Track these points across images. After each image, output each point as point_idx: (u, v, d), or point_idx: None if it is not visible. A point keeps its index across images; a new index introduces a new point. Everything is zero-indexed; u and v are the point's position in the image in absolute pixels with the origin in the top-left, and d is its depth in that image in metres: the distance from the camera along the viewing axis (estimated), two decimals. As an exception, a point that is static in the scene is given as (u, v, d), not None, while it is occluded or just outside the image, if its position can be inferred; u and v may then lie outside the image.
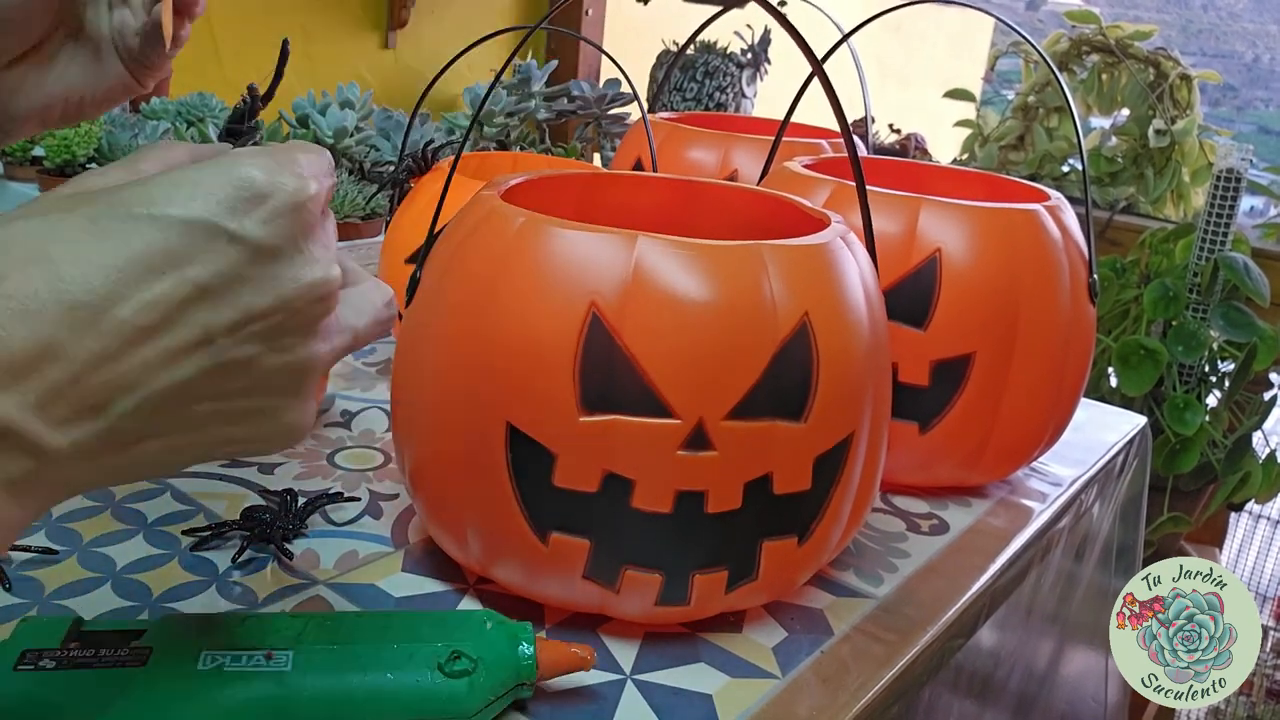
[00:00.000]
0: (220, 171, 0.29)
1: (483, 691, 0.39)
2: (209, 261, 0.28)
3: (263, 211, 0.29)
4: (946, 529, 0.62)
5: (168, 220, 0.28)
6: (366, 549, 0.53)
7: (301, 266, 0.30)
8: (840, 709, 0.44)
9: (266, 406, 0.31)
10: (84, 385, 0.26)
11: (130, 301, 0.27)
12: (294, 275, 0.30)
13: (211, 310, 0.28)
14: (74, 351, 0.26)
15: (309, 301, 0.31)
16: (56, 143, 1.00)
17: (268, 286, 0.29)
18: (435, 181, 0.74)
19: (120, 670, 0.36)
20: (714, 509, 0.43)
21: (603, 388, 0.42)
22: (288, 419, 0.32)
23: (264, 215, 0.29)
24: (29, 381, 0.25)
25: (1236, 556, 1.81)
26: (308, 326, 0.31)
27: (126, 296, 0.27)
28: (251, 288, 0.29)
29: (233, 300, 0.29)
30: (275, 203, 0.29)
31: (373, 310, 0.35)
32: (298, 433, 0.33)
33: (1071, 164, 1.93)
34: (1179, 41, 5.14)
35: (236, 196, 0.29)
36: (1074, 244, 0.63)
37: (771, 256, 0.43)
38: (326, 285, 0.31)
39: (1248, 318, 1.40)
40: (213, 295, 0.28)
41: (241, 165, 0.29)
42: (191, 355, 0.28)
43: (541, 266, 0.43)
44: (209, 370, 0.29)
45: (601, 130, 1.59)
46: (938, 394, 0.61)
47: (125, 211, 0.28)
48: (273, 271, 0.29)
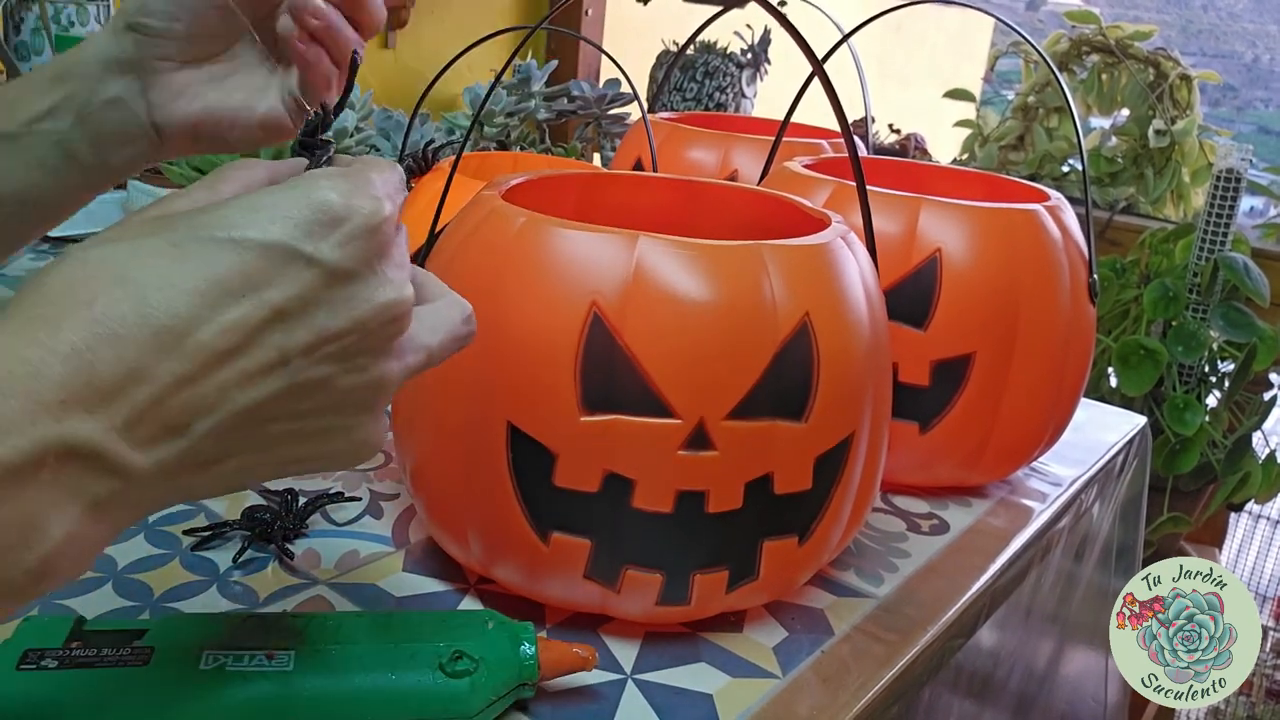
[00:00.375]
0: (297, 195, 0.30)
1: (484, 691, 0.39)
2: (286, 285, 0.29)
3: (339, 235, 0.30)
4: (947, 529, 0.63)
5: (247, 244, 0.28)
6: (367, 549, 0.53)
7: (376, 288, 0.31)
8: (841, 708, 0.44)
9: (339, 425, 0.32)
10: (166, 407, 0.27)
11: (211, 325, 0.27)
12: (368, 297, 0.30)
13: (287, 332, 0.29)
14: (158, 374, 0.27)
15: (382, 323, 0.31)
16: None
17: (342, 309, 0.30)
18: (436, 181, 0.74)
19: (122, 670, 0.36)
20: (715, 509, 0.43)
21: (603, 387, 0.42)
22: (359, 436, 0.32)
23: (340, 239, 0.30)
24: (116, 404, 0.26)
25: (1236, 556, 1.81)
26: (381, 346, 0.32)
27: (207, 320, 0.27)
28: (326, 310, 0.30)
29: (308, 323, 0.29)
30: (351, 226, 0.30)
31: (449, 327, 0.35)
32: (368, 450, 0.33)
33: (1071, 164, 1.93)
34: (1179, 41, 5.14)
35: (313, 220, 0.29)
36: (1074, 244, 0.63)
37: (772, 256, 0.43)
38: (400, 306, 0.31)
39: (1248, 318, 1.40)
40: (289, 318, 0.29)
41: (318, 188, 0.30)
42: (268, 377, 0.29)
43: (542, 266, 0.43)
44: (285, 391, 0.29)
45: (601, 130, 1.59)
46: (938, 394, 0.61)
47: (206, 235, 0.28)
48: (347, 294, 0.30)
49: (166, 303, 0.27)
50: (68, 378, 0.25)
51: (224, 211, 0.29)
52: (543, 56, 2.00)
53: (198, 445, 0.28)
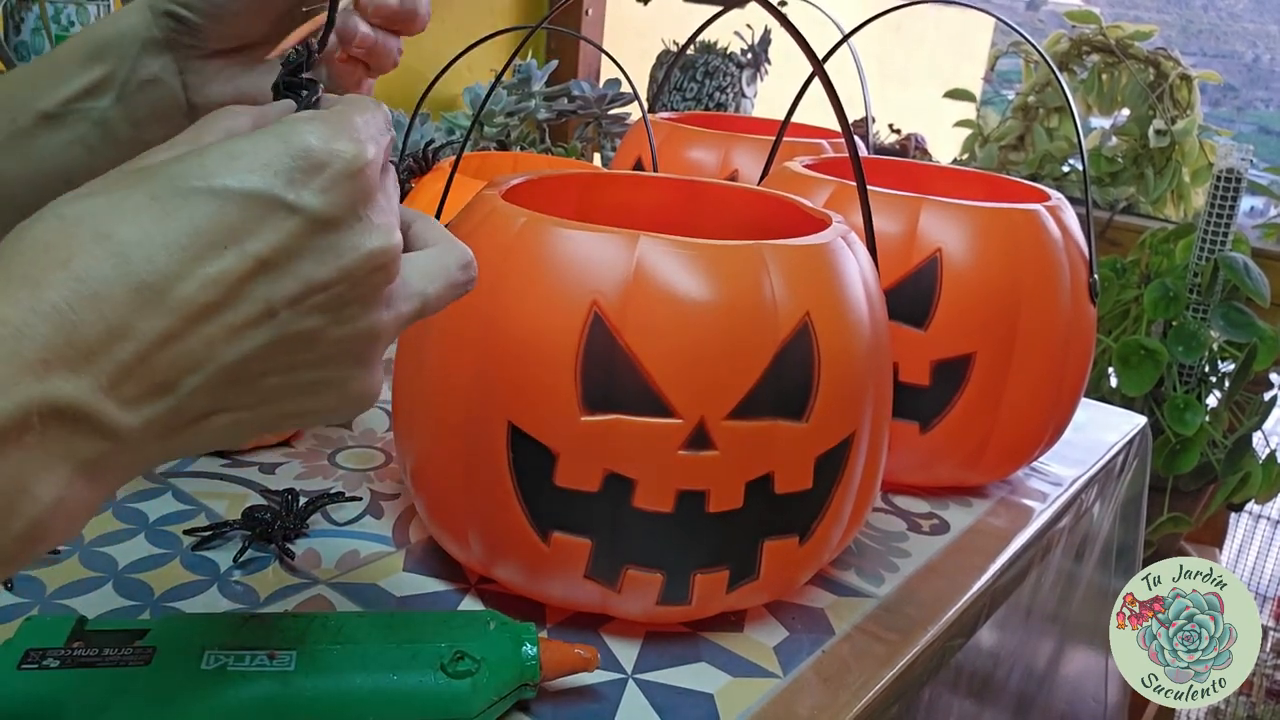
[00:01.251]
0: (276, 140, 0.29)
1: (486, 692, 0.39)
2: (268, 234, 0.28)
3: (320, 180, 0.29)
4: (947, 529, 0.63)
5: (226, 193, 0.27)
6: (368, 549, 0.53)
7: (361, 235, 0.30)
8: (841, 708, 0.45)
9: (333, 377, 0.31)
10: (153, 364, 0.26)
11: (194, 278, 0.27)
12: (354, 244, 0.30)
13: (272, 284, 0.28)
14: (142, 331, 0.26)
15: (370, 270, 0.30)
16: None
17: (328, 257, 0.29)
18: (436, 181, 0.74)
19: (124, 670, 0.36)
20: (715, 508, 0.43)
21: (604, 387, 0.42)
22: (354, 388, 0.32)
23: (321, 184, 0.29)
24: (99, 363, 0.26)
25: (1236, 556, 1.81)
26: (370, 295, 0.31)
27: (190, 274, 0.27)
28: (312, 259, 0.29)
29: (294, 272, 0.29)
30: (333, 171, 0.29)
31: (444, 274, 0.34)
32: (365, 401, 0.33)
33: (1071, 164, 1.92)
34: (1179, 41, 5.14)
35: (293, 166, 0.28)
36: (1074, 244, 0.63)
37: (772, 256, 0.43)
38: (387, 253, 0.30)
39: (1248, 318, 1.40)
40: (273, 268, 0.28)
41: (297, 132, 0.29)
42: (255, 329, 0.28)
43: (543, 266, 0.43)
44: (273, 343, 0.29)
45: (601, 130, 1.59)
46: (938, 394, 0.61)
47: (185, 186, 0.27)
48: (332, 241, 0.29)
49: (146, 258, 0.26)
50: (49, 337, 0.25)
51: (202, 160, 0.28)
52: (543, 56, 2.00)
53: (186, 402, 0.28)
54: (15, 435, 0.24)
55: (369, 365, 0.32)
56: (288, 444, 0.64)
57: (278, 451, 0.63)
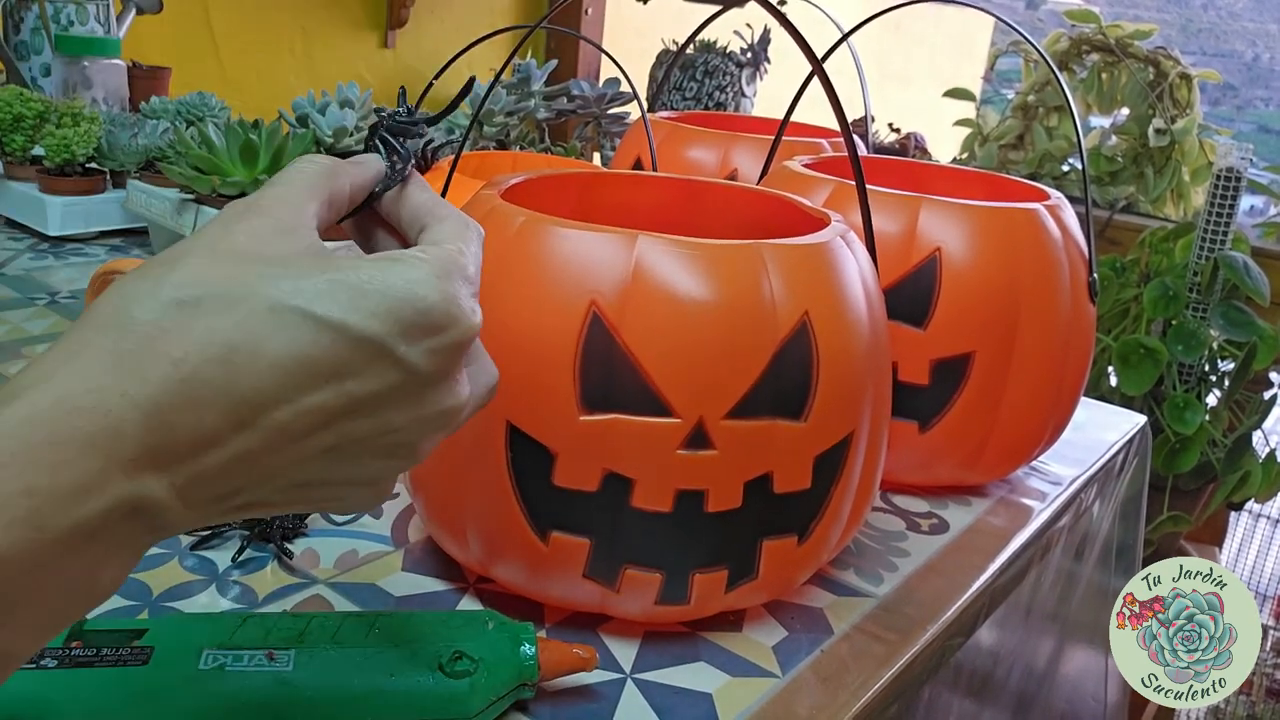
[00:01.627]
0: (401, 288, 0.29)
1: (484, 692, 0.39)
2: (368, 380, 0.28)
3: (431, 342, 0.29)
4: (946, 528, 0.62)
5: (343, 329, 0.28)
6: (366, 548, 0.53)
7: (445, 395, 0.31)
8: (840, 708, 0.44)
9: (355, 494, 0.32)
10: (227, 476, 0.27)
11: (290, 406, 0.27)
12: (436, 400, 0.31)
13: (354, 421, 0.29)
14: (230, 446, 0.26)
15: (439, 426, 0.31)
16: (56, 142, 1.00)
17: (408, 407, 0.30)
18: (435, 181, 0.74)
19: (122, 670, 0.36)
20: (714, 508, 0.43)
21: (603, 387, 0.42)
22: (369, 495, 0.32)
23: (431, 346, 0.29)
24: (183, 466, 0.26)
25: (1236, 556, 1.81)
26: (424, 440, 0.32)
27: (288, 401, 0.27)
28: (394, 407, 0.30)
29: (375, 415, 0.29)
30: (444, 338, 0.30)
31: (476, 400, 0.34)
32: (374, 505, 0.33)
33: (1071, 163, 1.92)
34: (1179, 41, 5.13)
35: (412, 322, 0.29)
36: (1074, 243, 0.63)
37: (771, 256, 0.43)
38: (459, 412, 0.32)
39: (1248, 317, 1.40)
40: (362, 409, 0.29)
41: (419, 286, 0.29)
42: (321, 457, 0.29)
43: (542, 266, 0.43)
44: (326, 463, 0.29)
45: (601, 130, 1.59)
46: (938, 393, 0.61)
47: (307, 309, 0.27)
48: (420, 396, 0.30)
49: (254, 375, 0.26)
50: (145, 436, 0.25)
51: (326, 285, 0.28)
52: (542, 56, 2.00)
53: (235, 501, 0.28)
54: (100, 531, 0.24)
55: (392, 480, 0.33)
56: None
57: (276, 451, 0.63)
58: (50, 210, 1.01)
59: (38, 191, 1.02)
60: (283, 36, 1.70)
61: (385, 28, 1.83)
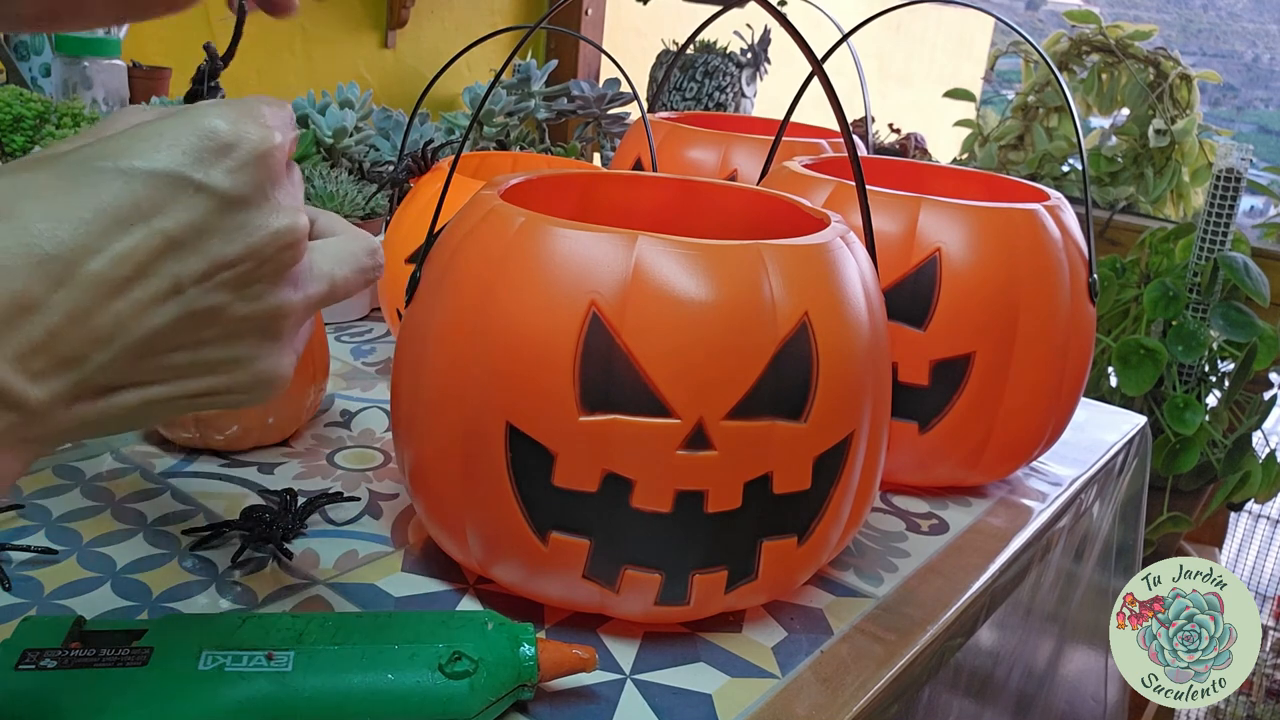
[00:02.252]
0: (185, 123, 0.29)
1: (484, 692, 0.39)
2: (177, 212, 0.28)
3: (229, 161, 0.29)
4: (946, 529, 0.62)
5: (134, 172, 0.28)
6: (366, 549, 0.53)
7: (268, 215, 0.30)
8: (840, 708, 0.44)
9: (241, 355, 0.31)
10: (60, 339, 0.27)
11: (102, 255, 0.27)
12: (261, 223, 0.30)
13: (181, 261, 0.29)
14: (49, 305, 0.26)
15: (277, 249, 0.31)
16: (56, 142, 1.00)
17: (235, 235, 0.30)
18: (435, 181, 0.73)
19: (121, 670, 0.36)
20: (714, 509, 0.43)
21: (602, 387, 0.42)
22: (262, 367, 0.32)
23: (230, 165, 0.29)
24: (5, 336, 0.26)
25: (1236, 556, 1.81)
26: (277, 274, 0.31)
27: (97, 250, 0.27)
28: (219, 237, 0.29)
29: (201, 250, 0.29)
30: (241, 152, 0.30)
31: (352, 259, 0.35)
32: (276, 383, 0.33)
33: (1071, 164, 1.93)
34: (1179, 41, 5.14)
35: (202, 147, 0.29)
36: (1074, 244, 0.63)
37: (771, 256, 0.43)
38: (293, 232, 0.31)
39: (1247, 317, 1.40)
40: (182, 246, 0.29)
41: (206, 116, 0.29)
42: (163, 306, 0.29)
43: (541, 266, 0.43)
44: (180, 320, 0.29)
45: (601, 130, 1.59)
46: (938, 394, 0.61)
47: (92, 165, 0.28)
48: (240, 220, 0.30)
49: (52, 233, 0.26)
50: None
51: (109, 142, 0.29)
52: (542, 56, 2.00)
53: (93, 376, 0.28)
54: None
55: (278, 344, 0.33)
56: (286, 444, 0.64)
57: (276, 451, 0.63)
58: (50, 210, 1.00)
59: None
60: (283, 36, 1.70)
61: (385, 28, 1.83)
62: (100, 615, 0.45)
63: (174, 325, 0.29)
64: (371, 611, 0.47)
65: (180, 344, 0.30)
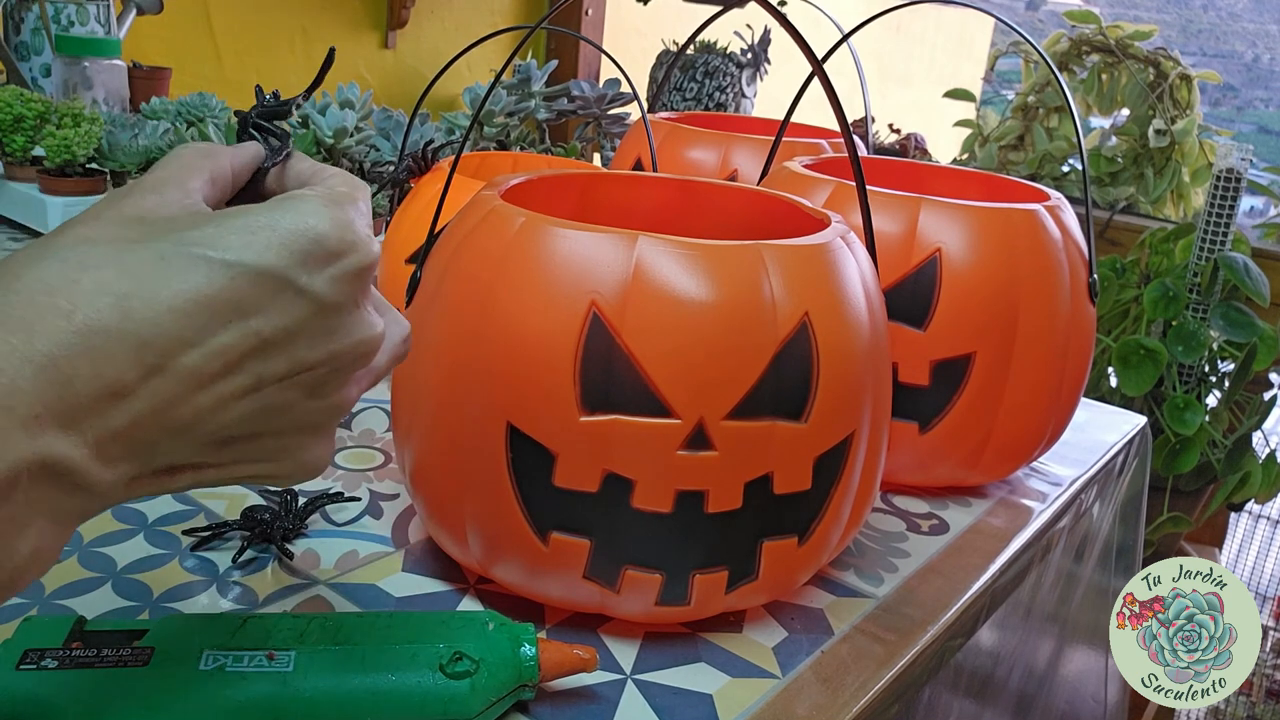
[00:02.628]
0: (292, 220, 0.29)
1: (484, 693, 0.39)
2: (274, 314, 0.28)
3: (333, 270, 0.29)
4: (946, 529, 0.62)
5: (240, 267, 0.28)
6: (367, 549, 0.53)
7: (356, 324, 0.31)
8: (840, 709, 0.44)
9: (293, 445, 0.32)
10: (141, 427, 0.27)
11: (197, 349, 0.27)
12: (348, 332, 0.31)
13: (267, 360, 0.29)
14: (138, 394, 0.26)
15: (355, 357, 0.31)
16: (56, 142, 1.00)
17: (321, 341, 0.30)
18: (435, 181, 0.73)
19: (122, 670, 0.36)
20: (714, 509, 0.43)
21: (603, 387, 0.42)
22: (308, 456, 0.33)
23: (334, 274, 0.29)
24: (91, 421, 0.25)
25: (1236, 556, 1.81)
26: (347, 377, 0.32)
27: (194, 343, 0.27)
28: (306, 341, 0.29)
29: (289, 352, 0.29)
30: (346, 262, 0.30)
31: (394, 349, 0.36)
32: (316, 470, 0.33)
33: (1071, 164, 1.93)
34: (1179, 41, 5.14)
35: (308, 252, 0.29)
36: (1074, 244, 0.63)
37: (771, 256, 0.43)
38: (374, 342, 0.32)
39: (1248, 318, 1.40)
40: (272, 346, 0.29)
41: (310, 216, 0.29)
42: (240, 401, 0.29)
43: (542, 266, 0.43)
44: (253, 415, 0.29)
45: (601, 130, 1.59)
46: (938, 394, 0.61)
47: (198, 252, 0.27)
48: (330, 327, 0.30)
49: (153, 319, 0.26)
50: (43, 391, 0.24)
51: (217, 229, 0.28)
52: (543, 56, 2.00)
53: (158, 461, 0.28)
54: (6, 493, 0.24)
55: (328, 436, 0.33)
56: (287, 444, 0.64)
57: (277, 452, 0.63)
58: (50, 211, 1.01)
59: (38, 192, 1.02)
60: (283, 36, 1.70)
61: (385, 28, 1.83)
62: (101, 615, 0.45)
63: (245, 419, 0.29)
64: (372, 612, 0.47)
65: (243, 435, 0.30)
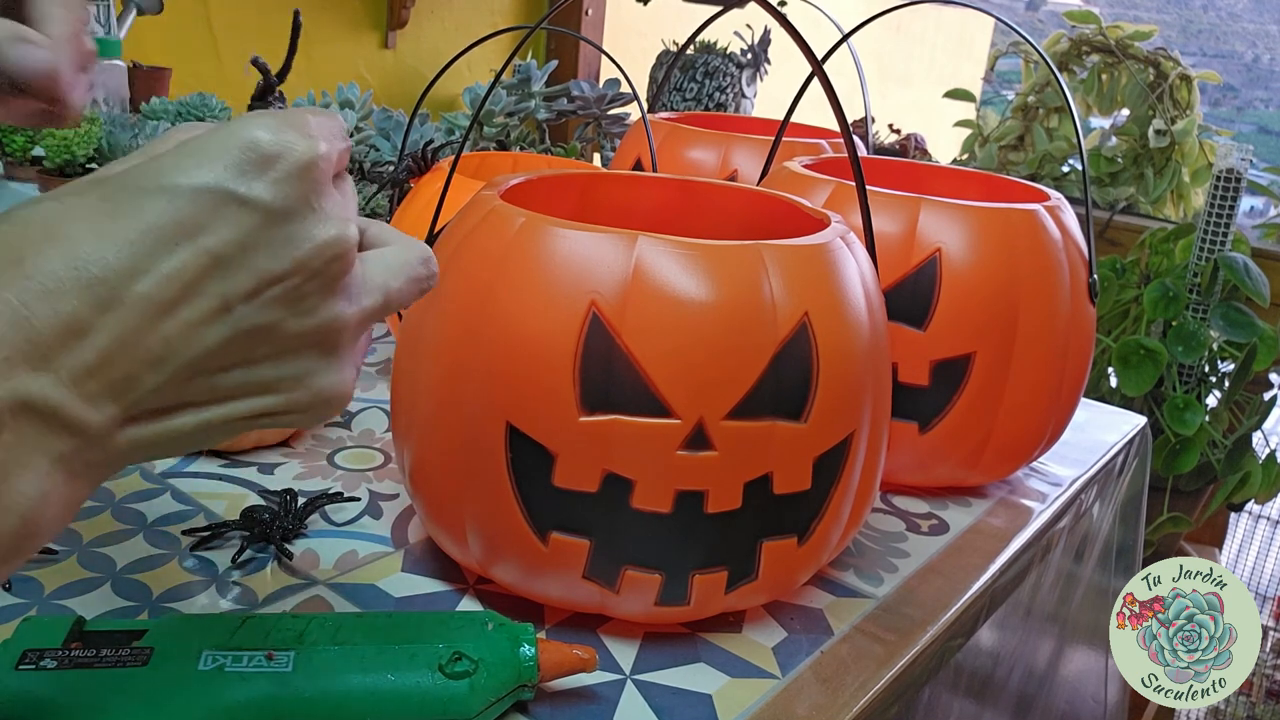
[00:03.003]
0: (227, 136, 0.29)
1: (484, 693, 0.39)
2: (221, 229, 0.28)
3: (272, 173, 0.29)
4: (946, 529, 0.62)
5: (178, 190, 0.28)
6: (366, 549, 0.53)
7: (315, 225, 0.30)
8: (840, 709, 0.44)
9: (298, 373, 0.31)
10: (111, 362, 0.27)
11: (148, 276, 0.27)
12: (308, 235, 0.30)
13: (228, 278, 0.28)
14: (98, 328, 0.26)
15: (326, 260, 0.30)
16: (56, 142, 1.00)
17: (282, 249, 0.29)
18: (435, 181, 0.73)
19: (121, 670, 0.36)
20: (714, 509, 0.43)
21: (603, 388, 0.42)
22: (322, 383, 0.31)
23: (274, 177, 0.29)
24: (59, 359, 0.26)
25: (1236, 556, 1.81)
26: (328, 287, 0.31)
27: (144, 271, 0.27)
28: (266, 252, 0.29)
29: (248, 266, 0.29)
30: (284, 164, 0.29)
31: (406, 268, 0.34)
32: (336, 400, 0.32)
33: (1071, 164, 1.93)
34: (1179, 41, 5.14)
35: (244, 160, 0.28)
36: (1074, 244, 0.63)
37: (771, 256, 0.43)
38: (341, 243, 0.30)
39: (1248, 318, 1.40)
40: (228, 263, 0.28)
41: (248, 128, 0.29)
42: (212, 325, 0.28)
43: (542, 266, 0.43)
44: (232, 338, 0.29)
45: (601, 130, 1.59)
46: (938, 394, 0.61)
47: (136, 186, 0.28)
48: (286, 233, 0.29)
49: (98, 255, 0.26)
50: (6, 334, 0.25)
51: (154, 163, 0.28)
52: (543, 56, 2.00)
53: (146, 398, 0.28)
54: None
55: (335, 359, 0.32)
56: (286, 444, 0.64)
57: (276, 452, 0.63)
58: (50, 211, 1.00)
59: (38, 192, 1.02)
60: (283, 36, 1.70)
61: (385, 28, 1.83)
62: (100, 615, 0.45)
63: (225, 344, 0.29)
64: (372, 612, 0.47)
65: (233, 363, 0.29)
